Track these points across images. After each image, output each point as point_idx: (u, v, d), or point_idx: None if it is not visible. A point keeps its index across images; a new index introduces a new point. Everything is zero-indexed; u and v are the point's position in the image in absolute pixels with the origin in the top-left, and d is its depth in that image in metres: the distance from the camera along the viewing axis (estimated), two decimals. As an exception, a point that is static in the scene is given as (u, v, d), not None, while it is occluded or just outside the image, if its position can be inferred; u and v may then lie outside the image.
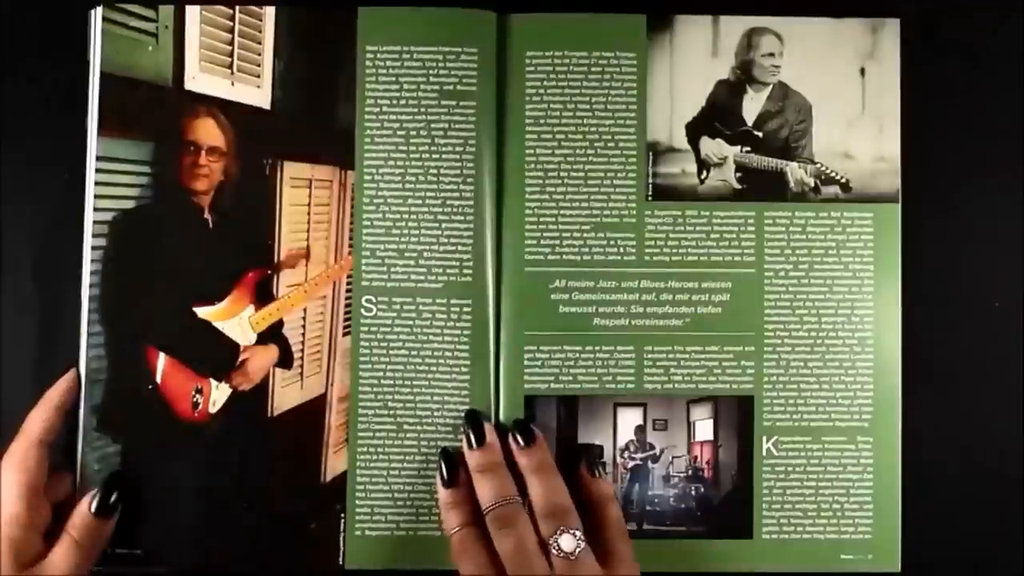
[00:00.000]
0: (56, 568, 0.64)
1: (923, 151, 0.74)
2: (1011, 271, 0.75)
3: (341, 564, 0.71)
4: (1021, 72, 0.75)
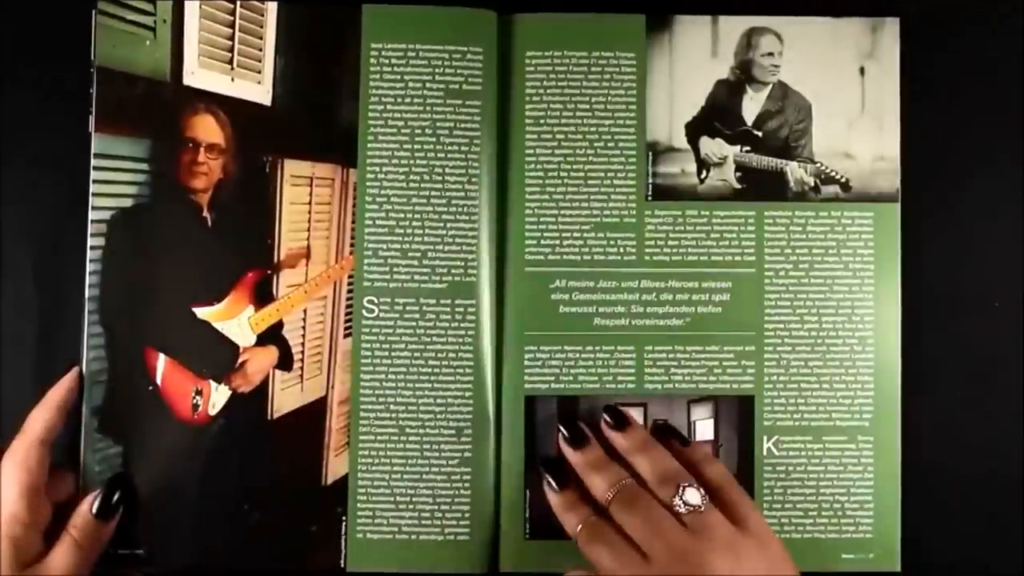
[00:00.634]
0: (56, 568, 0.63)
1: (923, 150, 0.74)
2: (1011, 271, 0.75)
3: (342, 567, 0.71)
4: (1021, 72, 0.76)
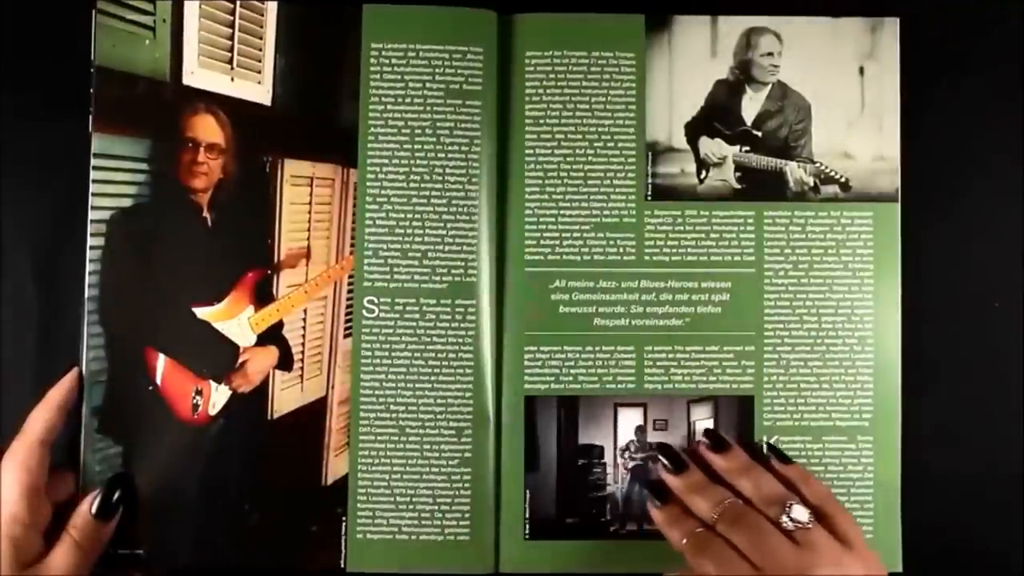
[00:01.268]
0: (56, 568, 0.63)
1: (922, 150, 0.74)
2: (1011, 271, 0.75)
3: (342, 567, 0.71)
4: (1021, 72, 0.76)
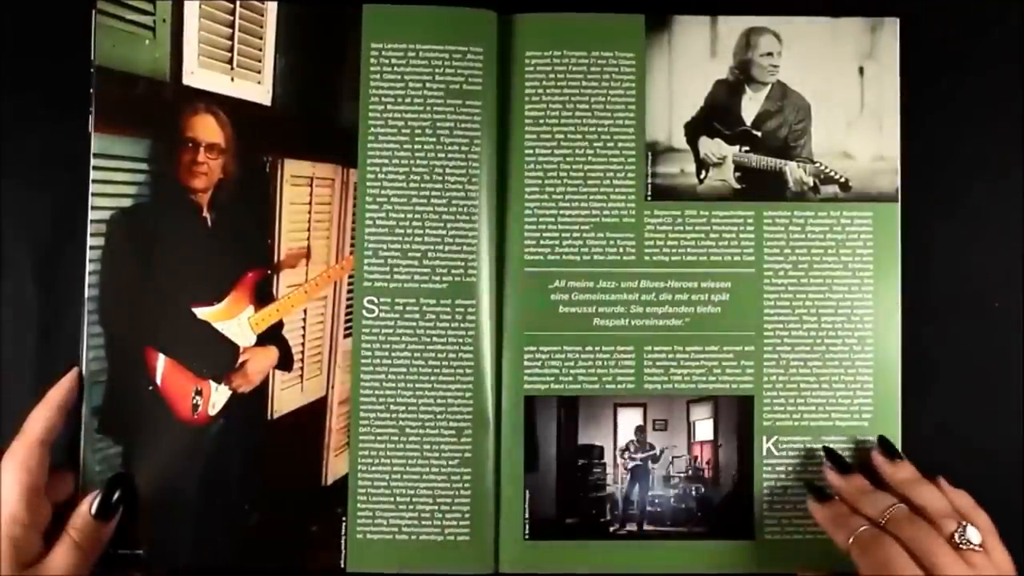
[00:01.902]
0: (56, 568, 0.63)
1: (922, 150, 0.74)
2: (1011, 271, 0.75)
3: (342, 567, 0.71)
4: (1021, 72, 0.76)
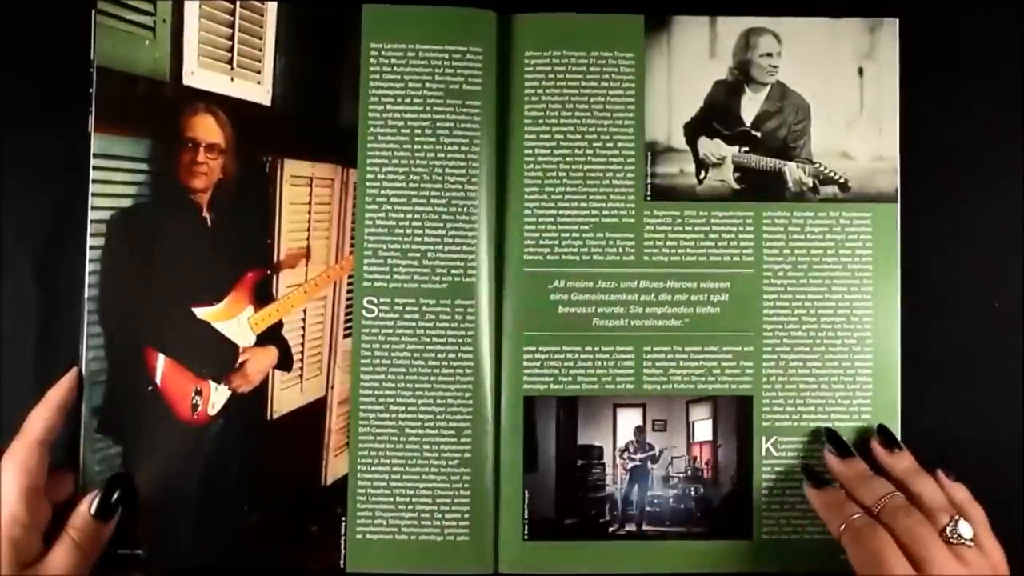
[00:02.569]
0: (55, 568, 0.63)
1: (922, 150, 0.74)
2: (1011, 271, 0.75)
3: (342, 567, 0.71)
4: (1021, 71, 0.76)
